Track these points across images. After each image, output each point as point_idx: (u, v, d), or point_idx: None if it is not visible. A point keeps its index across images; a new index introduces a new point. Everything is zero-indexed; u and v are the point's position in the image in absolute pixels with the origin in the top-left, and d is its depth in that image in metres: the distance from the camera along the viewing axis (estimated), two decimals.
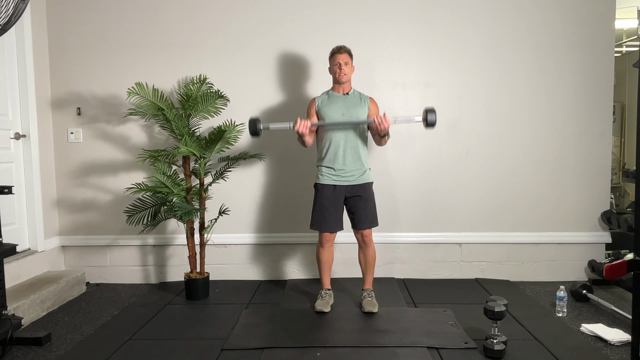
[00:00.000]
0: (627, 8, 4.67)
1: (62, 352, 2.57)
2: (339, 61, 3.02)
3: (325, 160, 3.02)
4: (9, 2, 2.34)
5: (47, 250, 3.64)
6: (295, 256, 3.83)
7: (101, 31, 3.71)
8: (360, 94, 3.12)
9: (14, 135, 3.44)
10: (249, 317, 3.01)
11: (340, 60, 3.02)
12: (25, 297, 3.01)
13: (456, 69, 3.71)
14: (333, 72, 3.07)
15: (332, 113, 3.01)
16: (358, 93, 3.12)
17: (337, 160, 2.99)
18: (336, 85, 3.09)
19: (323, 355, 2.46)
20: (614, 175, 5.60)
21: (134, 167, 3.74)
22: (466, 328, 2.77)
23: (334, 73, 3.07)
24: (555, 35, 3.67)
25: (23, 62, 3.45)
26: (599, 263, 3.60)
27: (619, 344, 2.57)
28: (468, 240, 3.79)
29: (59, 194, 3.80)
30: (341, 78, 3.02)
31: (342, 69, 3.01)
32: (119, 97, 3.71)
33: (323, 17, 3.69)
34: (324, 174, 3.03)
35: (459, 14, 3.68)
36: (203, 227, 3.44)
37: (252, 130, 2.92)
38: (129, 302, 3.37)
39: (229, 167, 3.56)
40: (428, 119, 2.78)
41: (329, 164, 3.01)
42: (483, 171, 3.76)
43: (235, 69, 3.71)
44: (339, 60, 3.02)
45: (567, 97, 3.71)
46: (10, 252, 2.68)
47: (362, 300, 3.10)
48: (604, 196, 3.76)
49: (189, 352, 2.54)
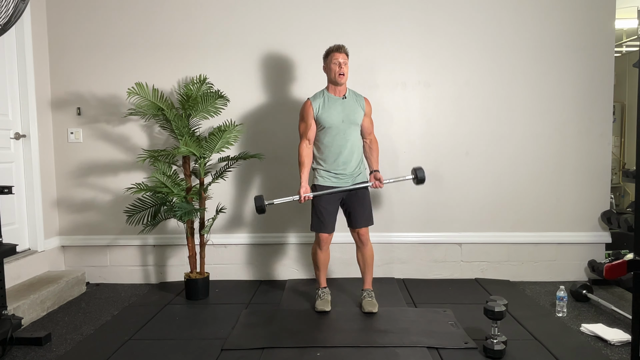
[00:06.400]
0: (627, 8, 4.67)
1: (62, 352, 2.57)
2: (338, 60, 2.90)
3: (326, 163, 3.00)
4: (9, 2, 2.34)
5: (47, 250, 3.64)
6: (295, 256, 3.83)
7: (101, 31, 3.71)
8: (355, 94, 3.06)
9: (14, 135, 3.44)
10: (249, 317, 3.01)
11: (340, 59, 2.91)
12: (25, 297, 3.01)
13: (456, 69, 3.71)
14: (330, 71, 2.93)
15: (332, 119, 2.93)
16: (353, 94, 3.05)
17: (338, 164, 2.98)
18: (332, 87, 3.00)
19: (323, 355, 2.46)
20: (614, 175, 5.60)
21: (134, 167, 3.74)
22: (466, 328, 2.77)
23: (331, 72, 2.92)
24: (555, 35, 3.67)
25: (23, 62, 3.45)
26: (599, 263, 3.60)
27: (619, 344, 2.57)
28: (468, 240, 3.79)
29: (59, 194, 3.80)
30: (340, 79, 2.91)
31: (341, 68, 2.90)
32: (119, 97, 3.71)
33: (323, 17, 3.69)
34: (323, 176, 3.01)
35: (459, 14, 3.68)
36: (203, 227, 3.44)
37: (258, 208, 2.92)
38: (129, 302, 3.37)
39: (229, 167, 3.56)
40: (418, 176, 3.01)
41: (330, 167, 2.99)
42: (483, 171, 3.76)
43: (235, 69, 3.71)
44: (339, 58, 2.90)
45: (567, 97, 3.71)
46: (10, 252, 2.68)
47: (362, 301, 3.10)
48: (604, 196, 3.76)
49: (189, 352, 2.54)
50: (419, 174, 3.00)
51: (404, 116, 3.72)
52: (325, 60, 3.01)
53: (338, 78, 2.92)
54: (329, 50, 2.98)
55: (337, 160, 2.97)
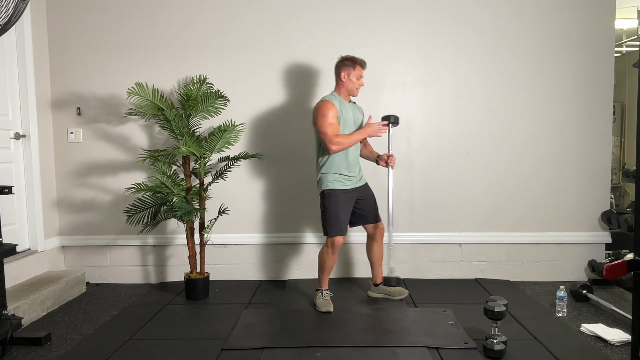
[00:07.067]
0: (627, 8, 4.67)
1: (62, 352, 2.57)
2: (361, 75, 3.07)
3: (340, 167, 3.04)
4: (9, 2, 2.34)
5: (47, 250, 3.64)
6: (295, 256, 3.83)
7: (101, 31, 3.71)
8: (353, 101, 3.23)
9: (14, 135, 3.44)
10: (249, 317, 3.01)
11: (362, 74, 3.08)
12: (25, 297, 3.01)
13: (456, 69, 3.71)
14: (351, 82, 3.05)
15: (349, 121, 3.06)
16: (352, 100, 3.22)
17: (350, 167, 3.07)
18: (344, 93, 3.09)
19: (323, 355, 2.46)
20: (614, 175, 5.60)
21: (134, 167, 3.74)
22: (466, 328, 2.77)
23: (352, 84, 3.05)
24: (555, 35, 3.67)
25: (23, 62, 3.45)
26: (599, 263, 3.60)
27: (619, 344, 2.57)
28: (468, 240, 3.79)
29: (59, 194, 3.80)
30: (356, 93, 3.10)
31: (361, 82, 3.08)
32: (119, 97, 3.71)
33: (323, 17, 3.69)
34: (338, 180, 3.04)
35: (459, 14, 3.68)
36: (203, 227, 3.44)
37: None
38: (129, 302, 3.37)
39: (229, 167, 3.56)
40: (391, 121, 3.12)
41: (344, 171, 3.05)
42: (483, 171, 3.76)
43: (235, 69, 3.71)
44: (362, 74, 3.07)
45: (567, 97, 3.71)
46: (10, 252, 2.68)
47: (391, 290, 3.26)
48: (604, 196, 3.76)
49: (189, 352, 2.54)
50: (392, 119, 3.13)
51: (404, 116, 3.71)
52: (347, 68, 3.05)
53: (357, 91, 3.10)
54: (356, 62, 3.06)
55: (351, 162, 3.08)
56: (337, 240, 3.04)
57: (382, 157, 3.18)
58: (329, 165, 3.05)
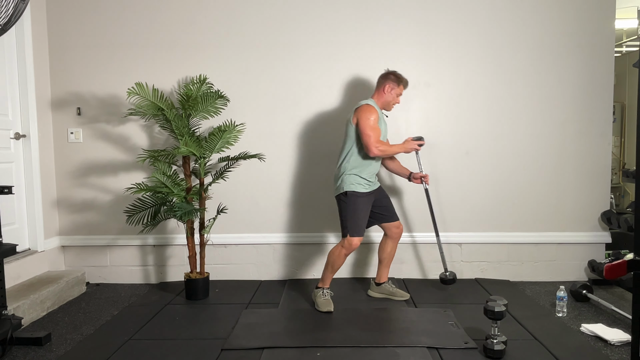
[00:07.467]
0: (627, 8, 4.67)
1: (62, 352, 2.57)
2: (401, 93, 3.16)
3: (365, 172, 3.08)
4: (9, 2, 2.34)
5: (47, 250, 3.64)
6: (296, 256, 3.83)
7: (101, 31, 3.71)
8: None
9: (14, 135, 3.44)
10: (249, 317, 3.01)
11: (402, 93, 3.17)
12: (25, 297, 3.01)
13: (456, 69, 3.71)
14: (391, 98, 3.13)
15: (383, 131, 3.12)
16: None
17: (372, 174, 3.16)
18: (381, 103, 3.14)
19: (323, 355, 2.46)
20: (614, 175, 5.61)
21: (134, 167, 3.74)
22: (466, 328, 2.77)
23: (391, 100, 3.14)
24: (555, 35, 3.67)
25: (23, 62, 3.45)
26: (599, 263, 3.60)
27: (619, 344, 2.57)
28: (468, 240, 3.79)
29: (59, 194, 3.80)
30: (391, 108, 3.19)
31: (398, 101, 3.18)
32: (119, 97, 3.71)
33: (324, 17, 3.69)
34: (360, 183, 3.07)
35: (459, 14, 3.68)
36: (203, 227, 3.44)
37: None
38: (129, 302, 3.37)
39: (229, 167, 3.56)
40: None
41: (367, 176, 3.09)
42: (483, 171, 3.76)
43: (235, 69, 3.71)
44: (402, 92, 3.16)
45: (567, 97, 3.71)
46: (10, 252, 2.68)
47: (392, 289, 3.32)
48: (604, 196, 3.76)
49: (189, 352, 2.54)
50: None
51: (404, 116, 3.72)
52: (392, 83, 3.12)
53: (392, 107, 3.20)
54: (401, 81, 3.15)
55: (375, 170, 3.17)
56: (355, 241, 3.05)
57: (414, 175, 3.33)
58: (353, 168, 3.07)
